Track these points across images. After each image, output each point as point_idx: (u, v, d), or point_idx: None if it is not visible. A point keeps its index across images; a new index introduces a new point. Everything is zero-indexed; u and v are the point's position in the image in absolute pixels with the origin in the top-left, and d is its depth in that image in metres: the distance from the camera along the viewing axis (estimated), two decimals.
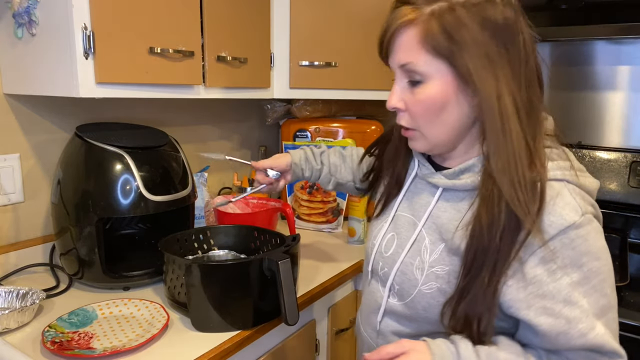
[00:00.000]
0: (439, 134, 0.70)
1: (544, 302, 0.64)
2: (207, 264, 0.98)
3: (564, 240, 0.63)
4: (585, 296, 0.63)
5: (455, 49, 0.64)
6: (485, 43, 0.64)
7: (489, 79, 0.64)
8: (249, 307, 0.96)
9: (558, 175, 0.66)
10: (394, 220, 0.82)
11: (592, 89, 1.79)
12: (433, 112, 0.68)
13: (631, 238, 1.66)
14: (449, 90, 0.67)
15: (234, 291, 0.94)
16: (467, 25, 0.63)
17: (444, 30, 0.64)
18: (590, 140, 1.80)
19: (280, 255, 0.92)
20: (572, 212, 0.63)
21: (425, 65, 0.66)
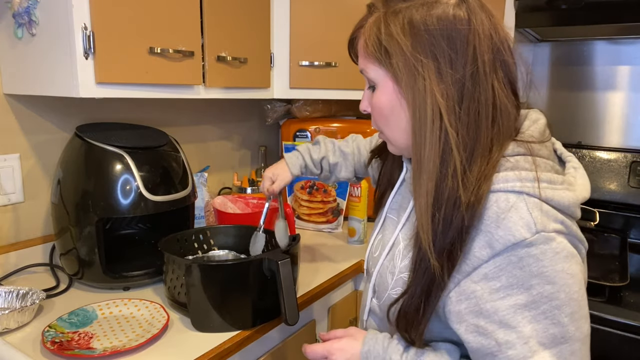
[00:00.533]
0: (395, 137, 0.71)
1: (478, 320, 0.61)
2: (207, 264, 0.98)
3: (511, 258, 0.58)
4: (531, 322, 0.58)
5: (387, 57, 0.65)
6: (412, 52, 0.62)
7: (415, 88, 0.63)
8: (249, 307, 0.96)
9: (517, 186, 0.60)
10: (384, 222, 0.83)
11: (592, 89, 1.79)
12: (385, 116, 0.70)
13: (631, 238, 1.66)
14: (392, 96, 0.67)
15: (234, 291, 0.94)
16: (395, 35, 0.63)
17: (378, 40, 0.66)
18: (590, 140, 1.80)
19: (280, 256, 0.92)
20: (523, 228, 0.58)
21: (372, 72, 0.69)
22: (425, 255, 0.63)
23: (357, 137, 1.14)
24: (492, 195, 0.60)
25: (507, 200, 0.60)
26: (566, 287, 0.58)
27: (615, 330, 1.14)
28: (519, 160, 0.62)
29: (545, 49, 1.86)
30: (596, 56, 1.77)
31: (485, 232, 0.60)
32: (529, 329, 0.58)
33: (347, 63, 1.51)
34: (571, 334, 0.59)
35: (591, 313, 1.25)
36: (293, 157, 1.10)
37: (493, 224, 0.59)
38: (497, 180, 0.61)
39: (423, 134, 0.63)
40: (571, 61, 1.82)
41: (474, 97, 0.62)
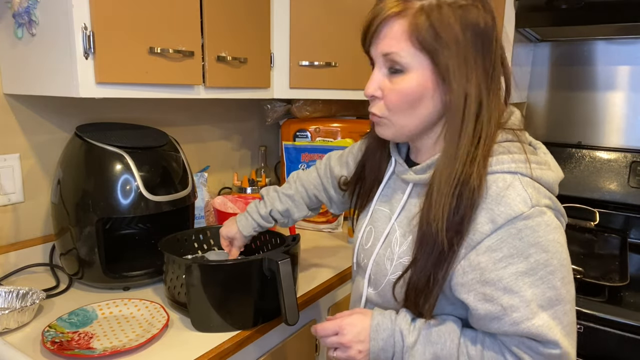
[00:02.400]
0: (408, 124, 0.73)
1: (484, 289, 0.67)
2: (207, 264, 0.98)
3: (512, 230, 0.65)
4: (531, 287, 0.65)
5: (439, 46, 0.66)
6: (465, 45, 0.67)
7: (462, 79, 0.67)
8: (249, 307, 0.96)
9: (512, 167, 0.68)
10: (372, 215, 0.85)
11: (592, 89, 1.79)
12: (408, 103, 0.71)
13: (631, 238, 1.66)
14: (426, 84, 0.69)
15: (234, 291, 0.94)
16: (452, 25, 0.66)
17: (432, 27, 0.66)
18: (590, 140, 1.80)
19: (280, 255, 0.92)
20: (521, 204, 0.65)
21: (408, 56, 0.68)
22: (432, 233, 0.68)
23: (299, 175, 1.11)
24: (490, 176, 0.68)
25: (505, 179, 0.67)
26: (558, 255, 0.66)
27: (615, 330, 1.14)
28: (510, 146, 0.70)
29: (545, 49, 1.86)
30: (596, 56, 1.77)
31: (487, 209, 0.66)
32: (530, 293, 0.65)
33: (347, 63, 1.52)
34: (563, 296, 0.66)
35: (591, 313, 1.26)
36: (243, 219, 1.09)
37: (494, 201, 0.66)
38: (494, 163, 0.68)
39: (464, 123, 0.68)
40: (571, 61, 1.82)
41: (495, 94, 0.70)
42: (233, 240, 1.11)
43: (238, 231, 1.08)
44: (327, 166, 1.07)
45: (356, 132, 1.68)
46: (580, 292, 1.26)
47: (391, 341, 0.74)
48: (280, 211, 1.07)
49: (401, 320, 0.74)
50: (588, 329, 1.17)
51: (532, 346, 0.66)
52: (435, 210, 0.68)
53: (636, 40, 1.70)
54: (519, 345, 0.68)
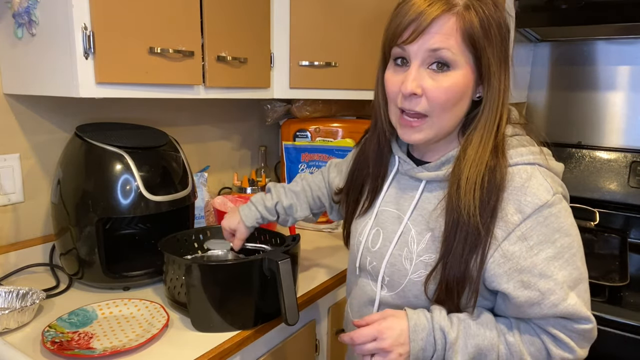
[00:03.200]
0: (448, 122, 0.74)
1: (522, 276, 0.70)
2: (207, 264, 0.98)
3: (539, 219, 0.69)
4: (560, 270, 0.69)
5: (487, 44, 0.69)
6: (502, 43, 0.71)
7: (502, 76, 0.71)
8: (249, 307, 0.96)
9: (531, 159, 0.72)
10: (377, 216, 0.85)
11: (592, 89, 1.79)
12: (452, 100, 0.71)
13: (631, 238, 1.66)
14: (469, 82, 0.71)
15: (234, 291, 0.94)
16: (494, 24, 0.69)
17: (482, 24, 0.68)
18: (590, 140, 1.80)
19: (280, 255, 0.92)
20: (545, 192, 0.69)
21: (458, 53, 0.69)
22: (464, 221, 0.70)
23: (306, 176, 1.13)
24: (512, 168, 0.71)
25: (526, 171, 0.71)
26: (576, 237, 0.71)
27: (615, 330, 1.14)
28: (521, 140, 0.75)
29: (545, 49, 1.86)
30: (596, 56, 1.77)
31: (514, 200, 0.69)
32: (561, 276, 0.69)
33: (347, 63, 1.52)
34: (584, 275, 0.71)
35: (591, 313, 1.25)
36: (247, 209, 1.08)
37: (520, 192, 0.69)
38: (513, 155, 0.72)
39: (496, 119, 0.72)
40: (571, 61, 1.82)
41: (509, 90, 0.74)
42: (235, 232, 1.09)
43: (240, 221, 1.07)
44: (327, 174, 1.09)
45: (356, 132, 1.68)
46: None
47: (431, 340, 0.72)
48: (285, 206, 1.08)
49: (438, 317, 0.73)
50: None
51: (567, 325, 0.71)
52: (466, 199, 0.69)
53: (636, 40, 1.70)
54: (555, 326, 0.71)
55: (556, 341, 0.72)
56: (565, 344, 0.72)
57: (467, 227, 0.70)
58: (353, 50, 1.49)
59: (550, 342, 0.72)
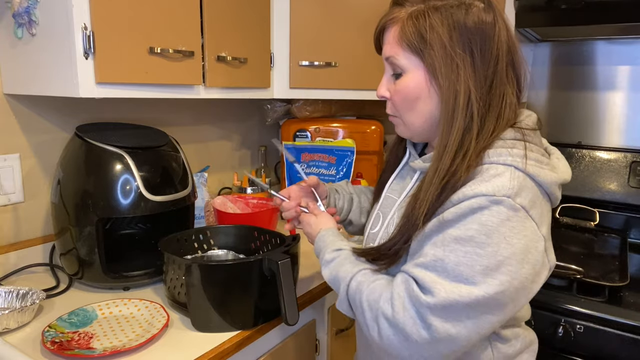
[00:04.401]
0: (415, 122, 0.78)
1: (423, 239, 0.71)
2: (207, 264, 0.98)
3: (473, 204, 0.65)
4: (450, 252, 0.66)
5: (425, 48, 0.72)
6: (451, 46, 0.71)
7: (451, 77, 0.71)
8: (249, 307, 0.96)
9: (508, 160, 0.69)
10: (382, 202, 0.90)
11: (592, 89, 1.79)
12: (409, 102, 0.76)
13: (631, 238, 1.66)
14: (422, 83, 0.74)
15: (234, 291, 0.94)
16: (436, 29, 0.71)
17: (417, 31, 0.72)
18: (590, 140, 1.80)
19: (280, 256, 0.92)
20: (496, 188, 0.65)
21: (403, 59, 0.75)
22: (413, 216, 0.72)
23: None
24: (485, 165, 0.69)
25: (496, 168, 0.68)
26: (496, 247, 0.64)
27: (615, 330, 1.14)
28: (515, 144, 0.71)
29: (545, 49, 1.86)
30: (596, 56, 1.77)
31: (466, 186, 0.68)
32: (443, 253, 0.66)
33: (347, 63, 1.52)
34: (474, 281, 0.64)
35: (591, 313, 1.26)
36: None
37: (475, 182, 0.67)
38: (491, 154, 0.70)
39: (454, 119, 0.71)
40: (571, 61, 1.82)
41: (495, 91, 0.72)
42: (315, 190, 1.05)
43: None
44: None
45: (356, 132, 1.68)
46: (580, 292, 1.26)
47: (319, 250, 0.88)
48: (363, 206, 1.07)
49: (338, 243, 0.85)
50: (588, 329, 1.17)
51: (411, 285, 0.69)
52: (422, 197, 0.71)
53: (636, 40, 1.70)
54: (402, 280, 0.71)
55: (395, 291, 0.71)
56: (395, 299, 0.69)
57: (413, 222, 0.72)
58: (353, 50, 1.49)
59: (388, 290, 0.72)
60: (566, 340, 1.20)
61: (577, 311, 1.19)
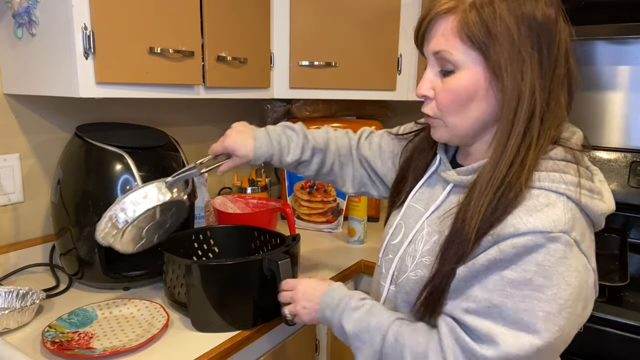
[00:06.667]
0: (461, 124, 0.70)
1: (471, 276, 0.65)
2: (207, 264, 0.98)
3: (528, 243, 0.60)
4: (506, 297, 0.61)
5: (490, 42, 0.64)
6: (520, 40, 0.63)
7: (516, 76, 0.64)
8: (249, 307, 0.96)
9: (561, 188, 0.63)
10: (405, 211, 0.83)
11: (592, 89, 1.79)
12: (459, 103, 0.68)
13: (631, 238, 1.66)
14: (479, 82, 0.66)
15: (234, 291, 0.94)
16: (505, 20, 0.63)
17: (482, 22, 0.64)
18: (591, 140, 1.79)
19: (280, 255, 0.92)
20: (552, 223, 0.60)
21: (459, 54, 0.66)
22: (463, 232, 0.64)
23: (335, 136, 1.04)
24: (535, 190, 0.63)
25: (548, 197, 0.62)
26: (556, 288, 0.59)
27: (615, 330, 1.14)
28: (567, 166, 0.65)
29: None
30: (596, 56, 1.77)
31: (516, 216, 0.61)
32: (498, 300, 0.61)
33: (347, 63, 1.52)
34: (536, 329, 0.60)
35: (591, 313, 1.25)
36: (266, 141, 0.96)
37: (526, 211, 0.61)
38: (544, 178, 0.63)
39: (515, 124, 0.64)
40: None
41: (553, 94, 0.66)
42: (232, 156, 0.97)
43: (251, 153, 0.96)
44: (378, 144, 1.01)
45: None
46: None
47: (336, 303, 0.79)
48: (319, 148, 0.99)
49: (353, 294, 0.79)
50: (588, 329, 1.17)
51: (463, 338, 0.63)
52: (473, 210, 0.64)
53: (636, 40, 1.69)
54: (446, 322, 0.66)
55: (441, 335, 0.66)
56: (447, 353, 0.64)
57: (462, 239, 0.65)
58: (353, 50, 1.49)
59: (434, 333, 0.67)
60: None
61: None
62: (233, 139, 0.96)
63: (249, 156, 0.96)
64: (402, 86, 1.54)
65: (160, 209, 0.89)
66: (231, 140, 0.96)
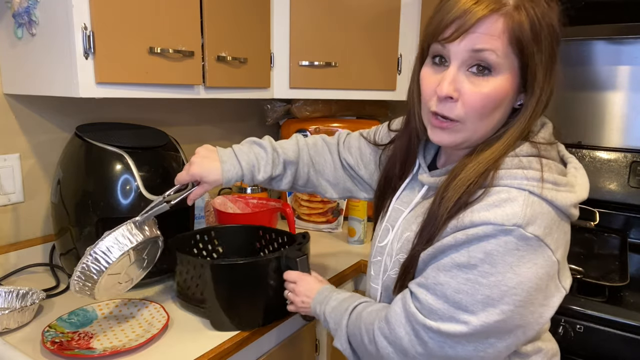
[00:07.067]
0: (482, 130, 0.69)
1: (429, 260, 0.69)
2: (225, 263, 0.95)
3: (479, 232, 0.62)
4: (451, 277, 0.64)
5: (536, 49, 0.64)
6: (552, 48, 0.65)
7: (546, 84, 0.66)
8: (266, 305, 0.97)
9: (523, 184, 0.63)
10: (390, 214, 0.85)
11: (592, 89, 1.79)
12: (490, 107, 0.66)
13: (631, 238, 1.66)
14: (510, 88, 0.66)
15: (251, 290, 0.95)
16: (545, 27, 0.64)
17: (532, 27, 0.63)
18: (590, 140, 1.80)
19: (297, 253, 0.96)
20: (506, 217, 0.61)
21: (502, 56, 0.63)
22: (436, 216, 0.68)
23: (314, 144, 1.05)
24: (498, 188, 0.65)
25: (509, 193, 0.63)
26: (500, 276, 0.61)
27: (615, 330, 1.14)
28: (532, 161, 0.66)
29: None
30: (596, 56, 1.77)
31: (474, 210, 0.64)
32: (444, 278, 0.65)
33: (347, 63, 1.52)
34: (473, 310, 0.63)
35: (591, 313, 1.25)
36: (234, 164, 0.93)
37: (485, 206, 0.63)
38: (507, 176, 0.65)
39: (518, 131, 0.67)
40: (571, 61, 1.82)
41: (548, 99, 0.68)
42: (201, 182, 0.93)
43: (220, 177, 0.91)
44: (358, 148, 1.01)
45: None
46: (581, 292, 1.26)
47: (321, 299, 0.87)
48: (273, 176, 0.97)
49: (340, 292, 0.87)
50: (588, 329, 1.17)
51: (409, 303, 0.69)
52: (446, 205, 0.67)
53: (636, 40, 1.70)
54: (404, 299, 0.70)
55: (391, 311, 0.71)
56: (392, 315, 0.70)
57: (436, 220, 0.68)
58: (353, 50, 1.49)
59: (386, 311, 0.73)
60: (566, 340, 1.20)
61: (577, 311, 1.19)
62: (199, 166, 0.91)
63: (219, 181, 0.91)
64: (402, 86, 1.54)
65: (134, 251, 0.87)
66: (197, 168, 0.91)
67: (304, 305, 0.91)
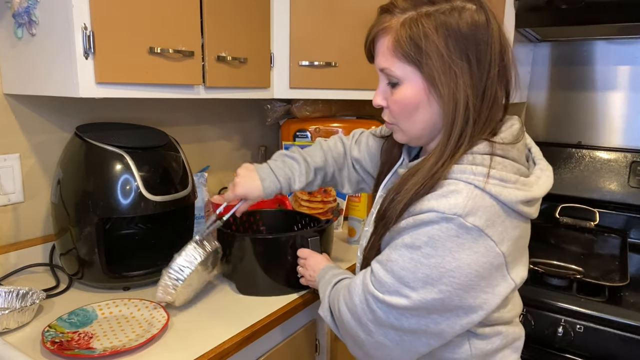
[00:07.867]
0: (414, 129, 0.78)
1: None
2: (255, 237, 1.15)
3: (424, 218, 0.68)
4: (399, 255, 0.70)
5: (422, 57, 0.70)
6: (448, 54, 0.69)
7: (450, 85, 0.70)
8: (285, 276, 1.12)
9: (470, 179, 0.69)
10: (377, 201, 0.91)
11: (592, 89, 1.79)
12: (408, 111, 0.75)
13: (631, 238, 1.66)
14: (420, 93, 0.73)
15: (274, 261, 1.11)
16: (431, 37, 0.69)
17: (411, 40, 0.70)
18: (590, 140, 1.80)
19: (311, 233, 1.12)
20: (449, 206, 0.66)
21: (399, 70, 0.73)
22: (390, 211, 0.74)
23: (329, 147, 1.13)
24: (449, 180, 0.70)
25: (456, 185, 0.69)
26: (441, 259, 0.67)
27: (615, 330, 1.14)
28: (485, 159, 0.71)
29: (545, 49, 1.86)
30: (596, 56, 1.77)
31: (425, 199, 0.70)
32: (394, 255, 0.71)
33: (347, 63, 1.52)
34: (414, 286, 0.69)
35: (591, 313, 1.26)
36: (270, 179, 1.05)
37: (435, 197, 0.69)
38: (458, 171, 0.70)
39: (454, 125, 0.71)
40: (571, 61, 1.82)
41: (487, 93, 0.72)
42: (246, 199, 1.06)
43: (262, 194, 1.04)
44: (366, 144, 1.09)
45: None
46: (581, 292, 1.26)
47: (322, 274, 0.96)
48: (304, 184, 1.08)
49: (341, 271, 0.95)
50: (588, 329, 1.17)
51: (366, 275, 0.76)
52: (403, 197, 0.72)
53: (636, 40, 1.70)
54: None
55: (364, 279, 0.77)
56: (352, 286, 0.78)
57: (386, 220, 0.75)
58: (353, 50, 1.49)
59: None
60: (566, 340, 1.20)
61: (577, 311, 1.19)
62: (242, 187, 1.04)
63: (261, 197, 1.05)
64: None
65: (201, 264, 1.03)
66: (241, 189, 1.04)
67: (311, 279, 1.03)
